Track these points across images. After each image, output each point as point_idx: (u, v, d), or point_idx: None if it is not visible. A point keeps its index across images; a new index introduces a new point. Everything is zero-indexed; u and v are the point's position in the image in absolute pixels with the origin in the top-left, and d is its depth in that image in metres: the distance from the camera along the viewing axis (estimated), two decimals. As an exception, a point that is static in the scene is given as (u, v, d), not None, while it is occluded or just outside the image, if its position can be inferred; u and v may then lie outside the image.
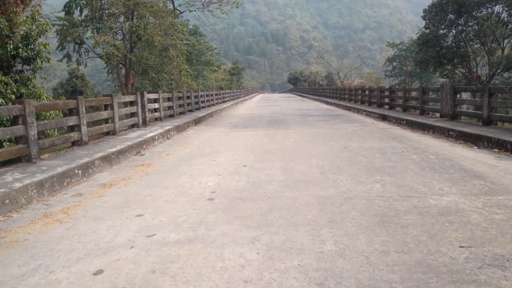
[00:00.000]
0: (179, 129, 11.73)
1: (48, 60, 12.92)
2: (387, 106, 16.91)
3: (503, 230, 3.29)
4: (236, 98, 37.91)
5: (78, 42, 20.31)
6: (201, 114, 16.26)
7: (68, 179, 5.55)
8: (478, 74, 30.30)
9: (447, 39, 29.61)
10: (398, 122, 12.30)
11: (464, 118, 11.15)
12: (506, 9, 26.38)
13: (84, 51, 21.43)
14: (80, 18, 20.14)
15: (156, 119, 13.10)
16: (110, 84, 44.07)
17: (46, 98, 13.24)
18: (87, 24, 20.13)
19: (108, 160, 6.78)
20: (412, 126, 11.23)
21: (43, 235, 3.63)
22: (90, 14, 19.86)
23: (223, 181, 5.41)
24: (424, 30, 31.50)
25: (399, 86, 23.76)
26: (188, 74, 26.24)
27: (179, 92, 16.34)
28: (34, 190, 4.82)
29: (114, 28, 20.53)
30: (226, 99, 30.62)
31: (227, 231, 3.53)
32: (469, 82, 28.09)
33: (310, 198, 4.44)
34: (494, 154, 6.90)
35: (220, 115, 18.69)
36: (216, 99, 25.69)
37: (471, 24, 27.99)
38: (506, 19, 26.88)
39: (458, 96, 11.38)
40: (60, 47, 20.11)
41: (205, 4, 27.58)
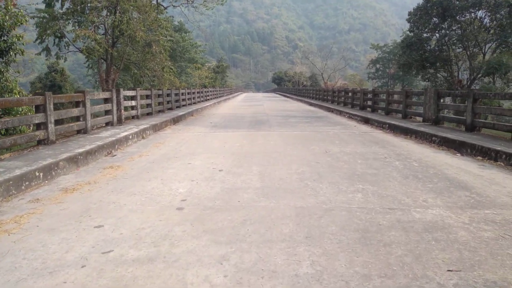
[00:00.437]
0: (156, 128, 11.28)
1: (22, 52, 12.31)
2: (370, 109, 16.78)
3: (493, 251, 3.04)
4: (219, 97, 37.45)
5: (59, 35, 19.60)
6: (181, 112, 15.81)
7: (27, 183, 5.09)
8: (459, 78, 30.63)
9: (431, 43, 29.84)
10: (381, 125, 12.14)
11: (447, 124, 11.04)
12: (489, 14, 26.70)
13: (64, 45, 20.71)
14: (61, 11, 19.41)
15: (132, 117, 12.61)
16: (91, 79, 43.10)
17: (19, 93, 12.61)
18: (68, 17, 19.43)
19: (74, 161, 6.33)
20: (394, 130, 11.07)
21: (-15, 250, 3.21)
22: (71, 7, 19.15)
23: (196, 187, 5.05)
24: (408, 33, 31.68)
25: (382, 89, 23.76)
26: (171, 71, 25.72)
27: (159, 89, 15.86)
28: (-15, 196, 4.37)
29: (96, 22, 19.91)
30: (208, 98, 30.15)
31: (194, 248, 3.19)
32: (450, 86, 28.35)
33: (287, 209, 4.12)
34: (477, 162, 6.73)
35: (201, 114, 18.26)
36: (198, 97, 25.21)
37: (455, 28, 28.25)
38: (488, 24, 27.21)
39: (442, 100, 11.27)
40: (39, 40, 19.33)
41: (189, 0, 27.07)
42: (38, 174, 5.35)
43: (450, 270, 2.74)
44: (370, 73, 63.62)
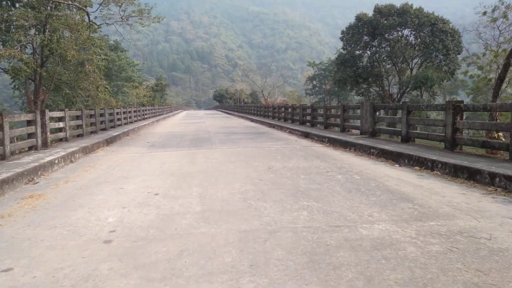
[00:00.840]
0: (87, 150, 10.45)
1: None
2: (309, 124, 17.05)
3: (443, 266, 2.92)
4: (158, 115, 36.41)
5: (-21, 55, 17.87)
6: (115, 133, 14.94)
7: None
8: (391, 92, 32.51)
9: (363, 59, 31.45)
10: (321, 139, 12.27)
11: (383, 135, 11.40)
12: (414, 32, 28.74)
13: None
14: None
15: (61, 140, 11.62)
16: (18, 101, 40.12)
17: None
18: None
19: (-15, 192, 5.52)
20: (334, 143, 11.21)
21: None
22: None
23: (128, 215, 4.55)
24: (342, 50, 33.15)
25: (320, 104, 24.41)
26: (106, 90, 24.55)
27: (91, 109, 14.89)
28: None
29: (23, 41, 18.50)
30: (146, 116, 29.13)
31: (121, 290, 2.73)
32: (382, 100, 29.95)
33: (230, 234, 3.78)
34: (415, 172, 6.88)
35: (137, 134, 17.42)
36: (135, 116, 24.22)
37: (384, 45, 30.05)
38: (413, 42, 29.26)
39: (378, 113, 11.66)
40: (-43, 60, 17.50)
41: (124, 18, 26.14)
42: None
43: (404, 292, 2.56)
44: (308, 89, 65.70)
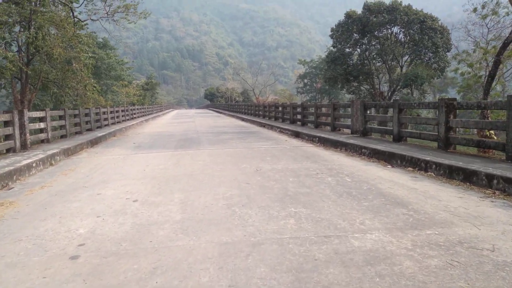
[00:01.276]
0: (69, 152, 10.03)
1: None
2: (300, 123, 16.78)
3: (445, 285, 2.63)
4: (147, 115, 35.88)
5: (-38, 52, 17.29)
6: (101, 133, 14.49)
7: None
8: (381, 90, 32.39)
9: (353, 57, 31.25)
10: (311, 139, 11.99)
11: (374, 135, 11.15)
12: (403, 30, 28.60)
13: None
14: None
15: (42, 141, 11.17)
16: (4, 100, 39.31)
17: None
18: None
19: (-51, 201, 5.12)
20: (324, 143, 10.93)
21: None
22: None
23: (101, 226, 4.19)
24: (332, 48, 32.93)
25: (311, 103, 24.16)
26: (94, 89, 24.02)
27: (75, 109, 14.43)
28: None
29: (7, 38, 17.93)
30: (135, 116, 28.62)
31: (80, 319, 2.39)
32: (373, 98, 29.80)
33: (209, 248, 3.45)
34: (409, 173, 6.61)
35: (124, 134, 16.98)
36: (123, 116, 23.73)
37: (374, 43, 29.87)
38: (403, 39, 29.12)
39: (368, 112, 11.40)
40: None
41: (109, 13, 25.57)
42: None
43: (401, 318, 2.26)
44: (299, 87, 65.58)
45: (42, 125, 11.14)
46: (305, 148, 10.53)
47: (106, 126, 18.84)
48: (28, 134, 9.88)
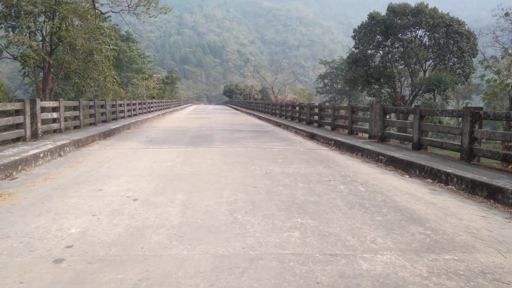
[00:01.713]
0: (80, 144, 9.93)
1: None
2: (316, 124, 16.37)
3: (463, 326, 2.28)
4: (165, 108, 35.94)
5: (-11, 41, 17.66)
6: (115, 125, 14.42)
7: None
8: (402, 94, 31.59)
9: (375, 59, 30.54)
10: (326, 142, 11.60)
11: (393, 141, 10.70)
12: (428, 33, 27.76)
13: None
14: None
15: (54, 131, 11.13)
16: (28, 88, 40.03)
17: None
18: (1, 21, 17.50)
19: None
20: (340, 147, 10.54)
21: None
22: (4, 10, 17.28)
23: (94, 226, 3.97)
24: (353, 49, 32.27)
25: (330, 104, 23.71)
26: (114, 81, 24.14)
27: (90, 100, 14.41)
28: None
29: (32, 27, 18.13)
30: (152, 109, 28.65)
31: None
32: (394, 102, 29.06)
33: (203, 260, 3.17)
34: (428, 185, 6.20)
35: (139, 127, 16.90)
36: (139, 109, 23.74)
37: (397, 46, 29.11)
38: (427, 43, 28.27)
39: (388, 117, 10.94)
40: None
41: (131, 6, 25.60)
42: None
43: None
44: (319, 87, 64.77)
45: (55, 115, 11.10)
46: (319, 151, 10.16)
47: (122, 118, 18.83)
48: (39, 124, 9.82)
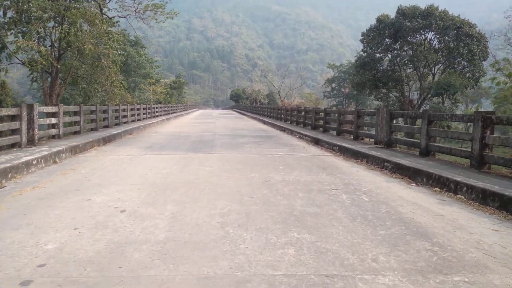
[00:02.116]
0: (77, 150, 9.72)
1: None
2: (322, 129, 16.03)
3: None
4: (170, 113, 35.83)
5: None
6: (116, 131, 14.23)
7: None
8: (411, 98, 31.08)
9: (383, 63, 30.11)
10: (331, 147, 11.25)
11: (399, 147, 10.32)
12: (437, 36, 27.28)
13: (6, 56, 18.63)
14: (2, 20, 17.47)
15: (53, 137, 10.95)
16: (36, 93, 40.26)
17: None
18: (11, 27, 17.53)
19: None
20: (345, 153, 10.18)
21: None
22: (14, 16, 17.30)
23: (74, 241, 3.69)
24: (361, 53, 31.89)
25: (335, 108, 23.33)
26: (121, 86, 24.09)
27: (92, 105, 14.26)
28: None
29: (41, 33, 18.13)
30: (157, 114, 28.52)
31: None
32: (402, 106, 28.56)
33: (184, 283, 2.87)
34: (435, 194, 5.83)
35: (141, 133, 16.70)
36: (144, 114, 23.60)
37: (406, 49, 28.66)
38: (437, 46, 27.79)
39: (395, 122, 10.57)
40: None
41: (137, 11, 25.57)
42: None
43: None
44: (326, 92, 64.36)
45: (53, 120, 10.92)
46: (323, 157, 9.83)
47: (125, 123, 18.67)
48: (36, 129, 9.63)
